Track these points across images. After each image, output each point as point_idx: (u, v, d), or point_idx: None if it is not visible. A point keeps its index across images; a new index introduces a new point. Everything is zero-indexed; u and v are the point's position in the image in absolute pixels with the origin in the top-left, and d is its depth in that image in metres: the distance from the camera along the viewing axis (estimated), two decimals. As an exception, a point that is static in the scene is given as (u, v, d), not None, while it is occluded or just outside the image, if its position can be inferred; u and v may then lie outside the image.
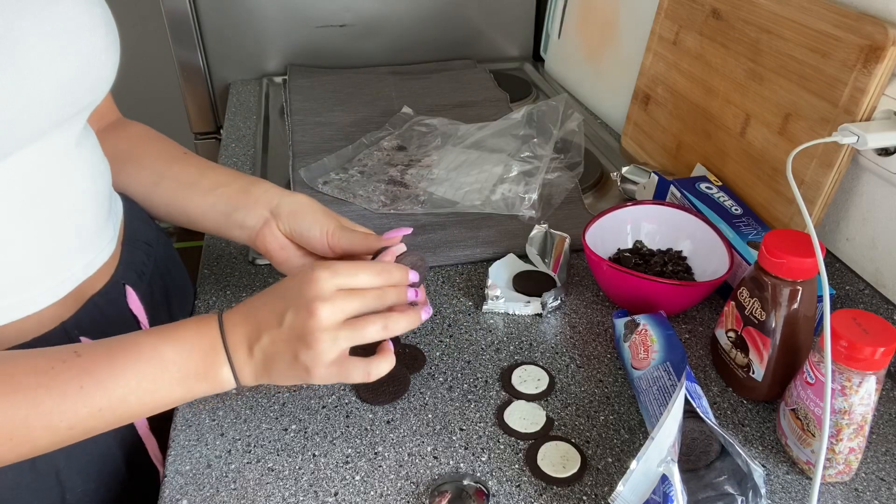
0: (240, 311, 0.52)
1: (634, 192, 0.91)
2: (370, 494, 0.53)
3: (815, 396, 0.52)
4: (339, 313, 0.49)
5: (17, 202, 0.51)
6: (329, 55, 1.38)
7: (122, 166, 0.68)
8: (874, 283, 0.69)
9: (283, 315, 0.50)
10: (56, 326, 0.56)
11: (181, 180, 0.68)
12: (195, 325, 0.51)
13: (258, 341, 0.50)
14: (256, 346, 0.50)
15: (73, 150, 0.56)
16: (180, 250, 0.81)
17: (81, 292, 0.58)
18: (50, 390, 0.45)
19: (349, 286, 0.51)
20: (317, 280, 0.49)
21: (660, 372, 0.57)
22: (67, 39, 0.51)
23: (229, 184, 0.66)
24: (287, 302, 0.50)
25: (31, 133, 0.50)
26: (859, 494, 0.54)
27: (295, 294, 0.50)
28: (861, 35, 0.64)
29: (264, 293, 0.52)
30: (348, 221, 0.63)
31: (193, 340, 0.50)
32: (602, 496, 0.53)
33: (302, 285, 0.50)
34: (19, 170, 0.50)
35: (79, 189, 0.57)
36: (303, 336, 0.49)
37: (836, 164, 0.67)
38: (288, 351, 0.50)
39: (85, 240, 0.58)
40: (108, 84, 0.58)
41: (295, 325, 0.49)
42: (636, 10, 1.08)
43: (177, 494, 0.53)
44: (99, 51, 0.55)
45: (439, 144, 1.04)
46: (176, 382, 0.49)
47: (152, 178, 0.68)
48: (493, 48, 1.47)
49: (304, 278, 0.50)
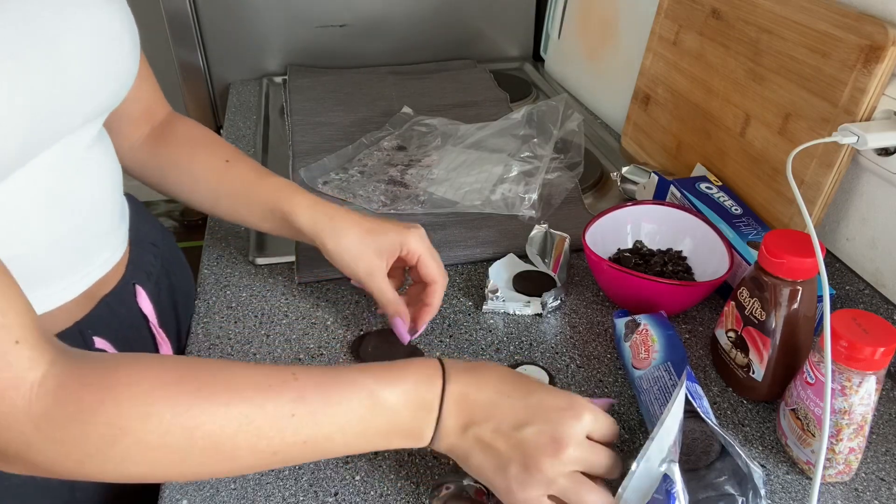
0: (471, 382, 0.48)
1: (634, 192, 0.91)
2: (370, 494, 0.53)
3: (815, 396, 0.52)
4: (578, 464, 0.46)
5: (37, 201, 0.52)
6: (329, 55, 1.38)
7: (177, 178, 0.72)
8: (874, 283, 0.69)
9: (525, 425, 0.46)
10: (71, 326, 0.57)
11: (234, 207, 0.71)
12: (415, 375, 0.48)
13: (479, 426, 0.47)
14: (474, 429, 0.47)
15: (89, 150, 0.57)
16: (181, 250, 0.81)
17: (94, 292, 0.59)
18: (264, 410, 0.43)
19: (593, 432, 0.48)
20: (580, 421, 0.47)
21: (660, 372, 0.57)
22: (99, 44, 0.53)
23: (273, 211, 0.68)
24: (537, 417, 0.47)
25: (63, 130, 0.51)
26: (859, 494, 0.54)
27: (551, 417, 0.47)
28: (861, 35, 0.64)
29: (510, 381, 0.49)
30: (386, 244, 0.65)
31: (411, 394, 0.47)
32: (602, 496, 0.53)
33: (564, 415, 0.47)
34: (40, 169, 0.51)
35: (94, 189, 0.58)
36: (529, 459, 0.46)
37: (836, 164, 0.67)
38: (503, 457, 0.46)
39: (100, 239, 0.59)
40: (129, 86, 0.60)
41: (529, 444, 0.46)
42: (636, 10, 1.08)
43: (177, 494, 0.53)
44: (124, 56, 0.57)
45: (439, 144, 1.03)
46: (381, 433, 0.47)
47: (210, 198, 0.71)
48: (493, 48, 1.47)
49: (569, 409, 0.47)
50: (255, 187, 0.69)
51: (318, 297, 0.75)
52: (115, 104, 0.59)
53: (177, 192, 0.73)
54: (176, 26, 1.29)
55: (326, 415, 0.45)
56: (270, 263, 0.80)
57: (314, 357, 0.67)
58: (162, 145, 0.72)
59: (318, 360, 0.66)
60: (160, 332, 0.66)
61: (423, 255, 0.66)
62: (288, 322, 0.71)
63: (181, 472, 0.44)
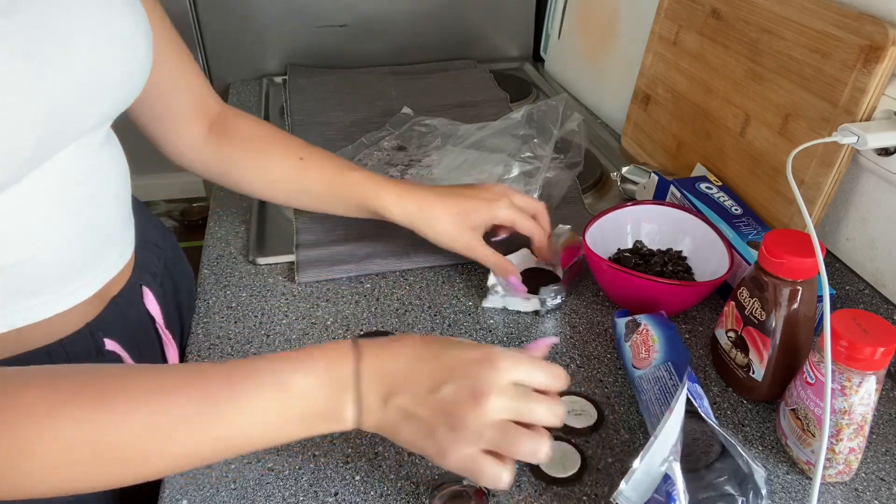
0: (384, 354, 0.47)
1: (634, 192, 0.91)
2: (370, 494, 0.53)
3: (815, 396, 0.52)
4: (504, 412, 0.44)
5: (52, 203, 0.52)
6: (329, 55, 1.38)
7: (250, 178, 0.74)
8: (874, 283, 0.69)
9: (441, 385, 0.45)
10: (82, 327, 0.57)
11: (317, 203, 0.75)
12: (325, 356, 0.46)
13: (398, 396, 0.45)
14: (394, 400, 0.46)
15: (98, 151, 0.57)
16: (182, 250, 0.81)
17: (104, 293, 0.59)
18: (170, 412, 0.42)
19: (524, 382, 0.46)
20: (498, 369, 0.45)
21: (661, 372, 0.57)
22: (113, 47, 0.53)
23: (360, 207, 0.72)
24: (453, 374, 0.45)
25: (78, 131, 0.51)
26: (859, 494, 0.54)
27: (466, 370, 0.45)
28: (861, 35, 0.64)
29: (423, 345, 0.48)
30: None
31: (323, 376, 0.45)
32: (602, 496, 0.53)
33: (480, 367, 0.45)
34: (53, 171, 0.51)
35: (105, 190, 0.58)
36: (452, 417, 0.44)
37: (836, 164, 0.67)
38: (428, 422, 0.45)
39: (110, 239, 0.59)
40: (137, 92, 0.59)
41: (450, 402, 0.44)
42: (636, 11, 1.08)
43: (177, 494, 0.53)
44: (138, 61, 0.57)
45: (439, 145, 1.03)
46: (298, 419, 0.45)
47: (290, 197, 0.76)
48: (493, 48, 1.47)
49: (484, 360, 0.45)
50: (337, 184, 0.73)
51: (318, 297, 0.75)
52: (126, 105, 0.59)
53: (251, 192, 0.76)
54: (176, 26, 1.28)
55: (236, 410, 0.44)
56: (270, 263, 0.80)
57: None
58: (227, 144, 0.72)
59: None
60: (166, 333, 0.66)
61: (516, 220, 0.72)
62: (288, 322, 0.71)
63: (93, 484, 0.43)
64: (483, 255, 0.71)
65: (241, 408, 0.44)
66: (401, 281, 0.77)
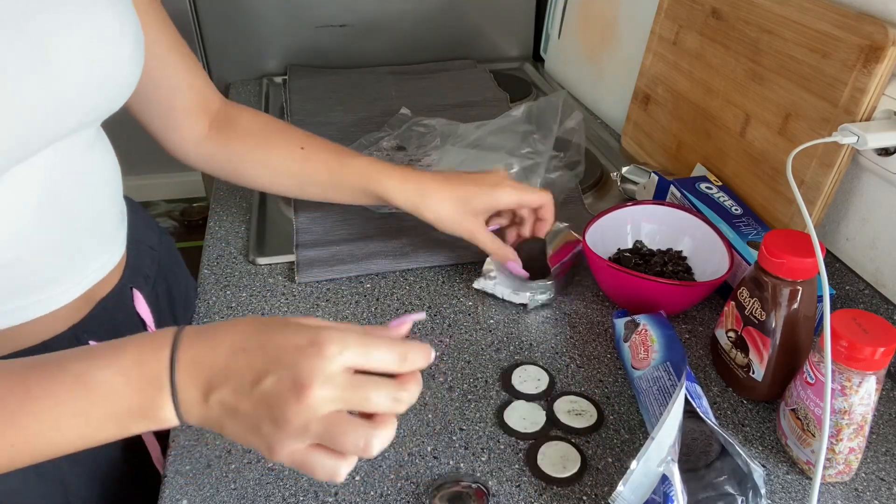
0: (203, 344, 0.42)
1: (634, 192, 0.91)
2: (370, 494, 0.53)
3: (815, 396, 0.52)
4: (329, 404, 0.39)
5: (36, 204, 0.51)
6: (329, 55, 1.38)
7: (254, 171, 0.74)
8: (874, 283, 0.69)
9: (263, 377, 0.40)
10: (66, 329, 0.56)
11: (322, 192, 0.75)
12: (137, 348, 0.42)
13: (218, 390, 0.40)
14: (215, 395, 0.41)
15: (87, 153, 0.56)
16: (181, 250, 0.81)
17: (92, 295, 0.59)
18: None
19: (359, 366, 0.41)
20: (322, 357, 0.39)
21: (660, 372, 0.57)
22: (96, 47, 0.52)
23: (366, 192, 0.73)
24: (275, 364, 0.40)
25: (54, 135, 0.50)
26: (859, 494, 0.54)
27: (289, 360, 0.40)
28: (861, 35, 0.64)
29: (247, 330, 0.42)
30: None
31: (130, 371, 0.41)
32: (602, 496, 0.53)
33: (301, 354, 0.39)
34: (38, 172, 0.50)
35: (94, 192, 0.57)
36: (274, 411, 0.39)
37: (836, 164, 0.67)
38: (252, 417, 0.40)
39: (100, 242, 0.59)
40: (129, 92, 0.59)
41: (271, 396, 0.39)
42: (636, 10, 1.08)
43: (177, 494, 0.53)
44: (126, 58, 0.56)
45: (438, 144, 1.03)
46: (105, 419, 0.41)
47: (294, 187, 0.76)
48: (493, 48, 1.47)
49: (307, 346, 0.40)
50: (340, 172, 0.73)
51: (318, 297, 0.75)
52: (113, 109, 0.58)
53: (255, 184, 0.76)
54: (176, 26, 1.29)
55: (29, 413, 0.39)
56: (270, 263, 0.80)
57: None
58: (229, 138, 0.73)
59: (318, 360, 0.66)
60: None
61: (519, 204, 0.72)
62: (288, 322, 0.71)
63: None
64: (484, 240, 0.72)
65: (36, 411, 0.40)
66: (401, 281, 0.77)
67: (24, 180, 0.49)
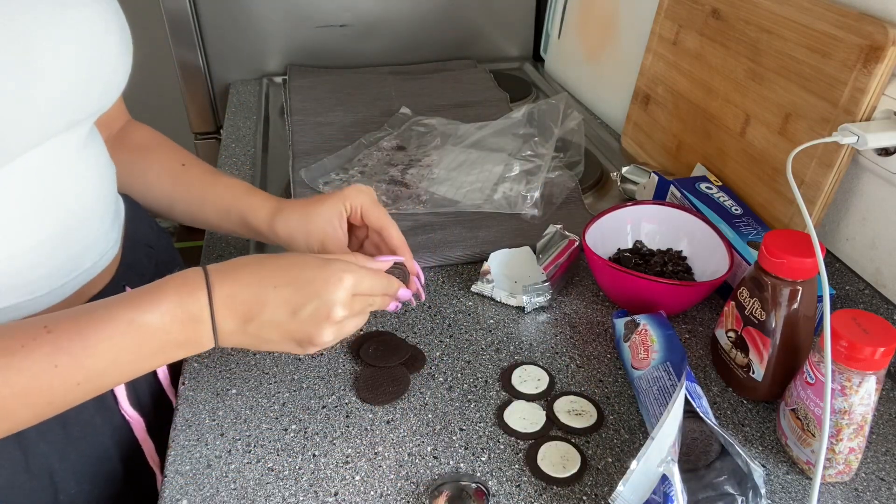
0: (235, 283, 0.50)
1: (634, 192, 0.91)
2: (370, 494, 0.53)
3: (815, 396, 0.52)
4: (350, 320, 0.53)
5: (26, 203, 0.51)
6: (329, 55, 1.38)
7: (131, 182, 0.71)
8: (874, 283, 0.69)
9: (300, 309, 0.50)
10: None
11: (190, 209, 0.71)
12: (175, 291, 0.48)
13: (256, 320, 0.50)
14: (252, 325, 0.50)
15: (80, 152, 0.56)
16: (181, 250, 0.81)
17: (83, 293, 0.58)
18: (21, 371, 0.44)
19: (359, 290, 0.53)
20: (343, 286, 0.51)
21: (660, 372, 0.57)
22: (80, 44, 0.51)
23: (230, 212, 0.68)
24: (307, 297, 0.50)
25: (40, 136, 0.50)
26: (859, 494, 0.54)
27: (317, 291, 0.51)
28: (861, 35, 0.64)
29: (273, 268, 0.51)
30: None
31: (175, 312, 0.48)
32: (602, 496, 0.53)
33: (328, 286, 0.51)
34: (28, 171, 0.50)
35: (86, 191, 0.57)
36: (313, 333, 0.51)
37: (836, 164, 0.67)
38: (292, 339, 0.52)
39: (92, 242, 0.58)
40: (118, 89, 0.58)
41: (308, 323, 0.51)
42: (636, 11, 1.08)
43: (177, 494, 0.53)
44: (112, 56, 0.55)
45: (439, 144, 1.04)
46: (156, 352, 0.49)
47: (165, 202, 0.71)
48: (493, 48, 1.47)
49: (331, 278, 0.51)
50: (211, 189, 0.69)
51: (318, 297, 0.75)
52: (105, 105, 0.57)
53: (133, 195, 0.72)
54: (176, 26, 1.29)
55: (92, 357, 0.46)
56: (270, 263, 0.80)
57: (314, 357, 0.67)
58: (118, 150, 0.70)
59: (318, 361, 0.66)
60: None
61: (364, 204, 0.64)
62: (288, 322, 0.71)
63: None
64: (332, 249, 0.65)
65: (97, 354, 0.46)
66: (401, 281, 0.77)
67: (16, 179, 0.49)
